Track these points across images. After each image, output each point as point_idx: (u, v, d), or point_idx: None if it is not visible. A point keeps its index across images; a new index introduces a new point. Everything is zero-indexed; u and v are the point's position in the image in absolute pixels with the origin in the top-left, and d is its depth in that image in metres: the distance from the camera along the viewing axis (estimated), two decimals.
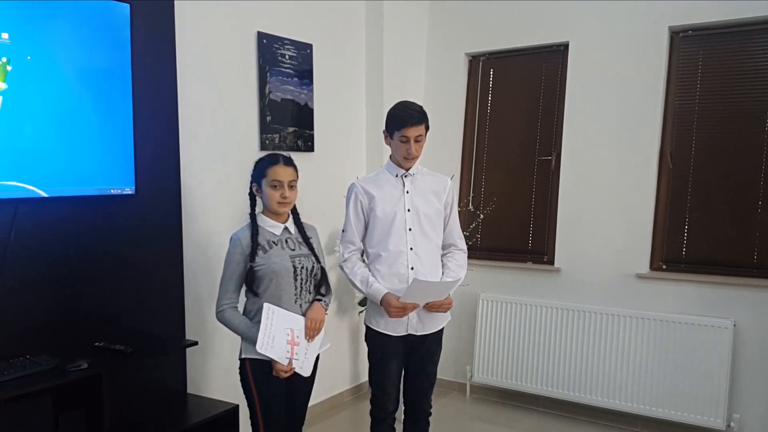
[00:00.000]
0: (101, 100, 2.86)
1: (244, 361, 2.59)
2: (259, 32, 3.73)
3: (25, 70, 2.56)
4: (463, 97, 4.78)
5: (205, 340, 3.44)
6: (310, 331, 2.62)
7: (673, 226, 4.07)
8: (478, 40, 4.66)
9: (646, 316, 3.98)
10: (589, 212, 4.25)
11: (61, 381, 2.49)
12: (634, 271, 4.10)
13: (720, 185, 3.93)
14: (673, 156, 4.05)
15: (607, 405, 4.12)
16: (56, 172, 2.71)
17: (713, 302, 3.87)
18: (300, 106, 4.03)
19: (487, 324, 4.54)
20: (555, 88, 4.43)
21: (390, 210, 2.81)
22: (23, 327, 2.69)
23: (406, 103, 2.83)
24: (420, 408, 3.00)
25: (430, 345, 2.91)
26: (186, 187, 3.36)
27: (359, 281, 2.81)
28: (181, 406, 3.27)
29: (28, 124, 2.60)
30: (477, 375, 4.58)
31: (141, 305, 3.16)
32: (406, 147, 2.75)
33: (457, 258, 2.96)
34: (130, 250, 3.10)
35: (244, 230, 2.61)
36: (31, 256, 2.70)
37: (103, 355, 2.77)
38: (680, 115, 4.03)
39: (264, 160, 2.64)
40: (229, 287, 2.58)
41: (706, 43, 3.94)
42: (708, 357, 3.80)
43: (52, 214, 2.77)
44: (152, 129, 3.15)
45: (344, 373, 4.63)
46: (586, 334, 4.18)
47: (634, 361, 4.02)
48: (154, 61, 3.16)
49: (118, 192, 2.97)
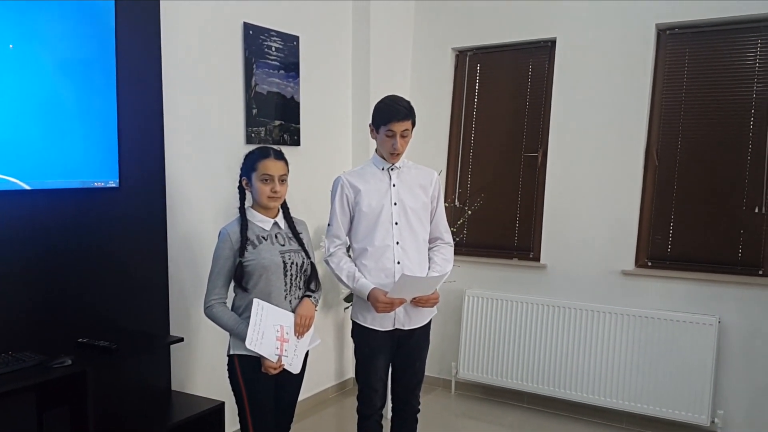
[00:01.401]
0: (85, 91, 2.81)
1: (232, 357, 2.55)
2: (246, 23, 3.67)
3: (6, 59, 2.50)
4: (450, 92, 4.76)
5: (189, 337, 3.40)
6: (300, 327, 2.58)
7: (659, 223, 4.09)
8: (465, 35, 4.64)
9: (631, 312, 4.00)
10: (575, 209, 4.26)
11: (44, 378, 2.44)
12: (620, 268, 4.11)
13: (705, 182, 3.95)
14: (659, 153, 4.07)
15: (592, 401, 4.13)
16: (39, 164, 2.65)
17: (698, 299, 3.90)
18: (286, 99, 3.98)
19: (472, 320, 4.53)
20: (542, 84, 4.43)
21: (376, 204, 2.78)
22: (5, 323, 2.63)
23: (394, 98, 2.80)
24: (408, 405, 2.97)
25: (417, 340, 2.89)
26: (170, 180, 3.31)
27: (345, 276, 2.78)
28: (165, 404, 3.22)
29: (9, 115, 2.53)
30: (462, 371, 4.57)
31: (125, 300, 3.10)
32: (392, 142, 2.72)
33: (444, 252, 2.94)
34: (114, 244, 3.04)
35: (233, 225, 2.57)
36: (13, 250, 2.64)
37: (88, 351, 2.72)
38: (666, 112, 4.05)
39: (254, 153, 2.60)
40: (217, 282, 2.54)
41: (693, 41, 3.96)
42: (693, 353, 3.82)
43: (34, 207, 2.72)
44: (136, 121, 3.09)
45: (329, 370, 4.60)
46: (572, 331, 4.19)
47: (618, 358, 4.03)
48: (139, 53, 3.10)
49: (102, 185, 2.92)
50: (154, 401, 3.21)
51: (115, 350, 2.72)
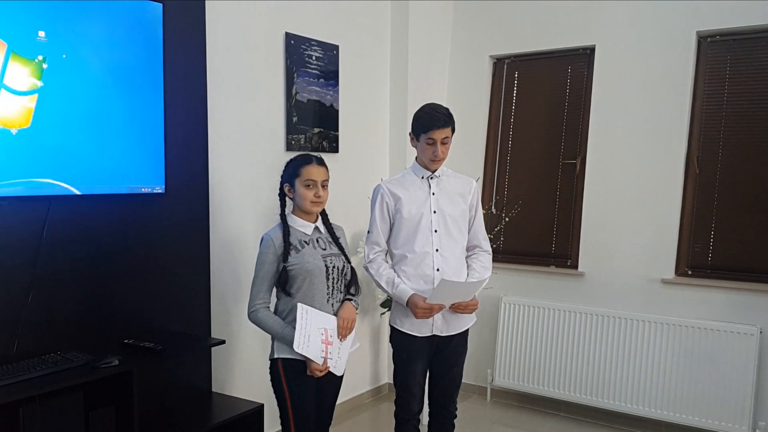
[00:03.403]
0: (133, 99, 2.88)
1: (276, 360, 2.60)
2: (287, 33, 3.74)
3: (60, 69, 2.58)
4: (487, 99, 4.77)
5: (229, 340, 3.46)
6: (343, 330, 2.63)
7: (699, 231, 4.04)
8: (502, 43, 4.65)
9: (671, 321, 3.96)
10: (614, 216, 4.23)
11: (92, 377, 2.50)
12: (659, 277, 4.07)
13: (746, 191, 3.90)
14: (700, 161, 4.03)
15: (630, 411, 4.09)
16: (89, 170, 2.73)
17: (739, 308, 3.84)
18: (325, 107, 4.04)
19: (508, 327, 4.53)
20: (581, 91, 4.42)
21: (416, 211, 2.81)
22: (53, 323, 2.72)
23: (433, 106, 2.83)
24: (445, 410, 2.99)
25: (455, 346, 2.91)
26: (213, 186, 3.38)
27: (385, 282, 2.82)
28: (206, 405, 3.28)
29: (62, 122, 2.62)
30: (498, 379, 4.57)
31: (168, 303, 3.18)
32: (433, 149, 2.76)
33: (482, 259, 2.96)
34: (159, 249, 3.12)
35: (276, 230, 2.62)
36: (63, 253, 2.73)
37: (133, 352, 2.79)
38: (707, 119, 4.00)
39: (296, 159, 2.65)
40: (262, 287, 2.58)
41: (734, 48, 3.92)
42: (734, 363, 3.76)
43: (83, 212, 2.80)
44: (182, 128, 3.17)
45: (365, 375, 4.64)
46: (610, 339, 4.16)
47: (658, 367, 3.99)
48: (185, 61, 3.18)
49: (149, 191, 2.99)
50: (195, 402, 3.28)
51: (160, 351, 2.79)
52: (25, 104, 2.51)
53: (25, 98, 2.51)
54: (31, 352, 2.61)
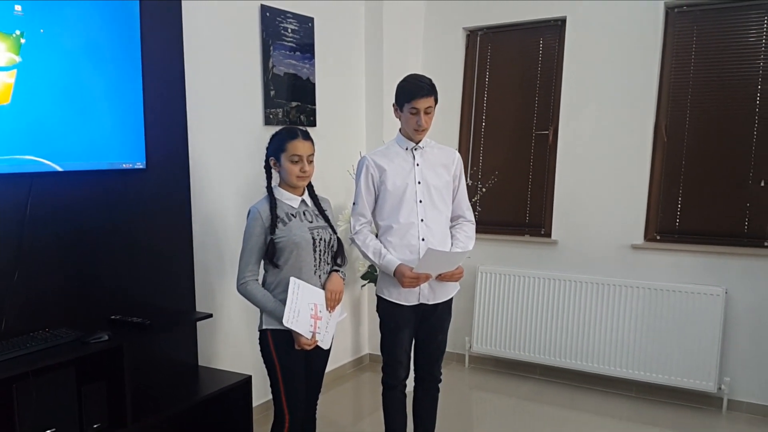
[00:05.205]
0: (111, 74, 2.86)
1: (265, 332, 2.63)
2: (263, 5, 3.72)
3: (38, 44, 2.55)
4: (461, 71, 4.82)
5: (214, 313, 3.47)
6: (331, 302, 2.68)
7: (667, 198, 4.18)
8: (476, 15, 4.68)
9: (641, 285, 4.10)
10: (585, 185, 4.35)
11: (84, 353, 2.53)
12: (629, 242, 4.21)
13: (713, 157, 4.04)
14: (668, 129, 4.15)
15: (603, 371, 4.25)
16: (70, 147, 2.72)
17: (705, 271, 4.00)
18: (302, 81, 4.04)
19: (485, 296, 4.64)
20: (552, 62, 4.49)
21: (401, 183, 2.86)
22: (40, 300, 2.72)
23: (416, 76, 2.88)
24: (430, 375, 3.07)
25: (440, 313, 2.98)
26: (193, 161, 3.38)
27: (372, 253, 2.87)
28: (194, 378, 3.32)
29: (42, 98, 2.59)
30: (476, 345, 4.68)
31: (152, 278, 3.19)
32: (416, 119, 2.80)
33: (466, 229, 3.03)
34: (141, 224, 3.12)
35: (263, 203, 2.63)
36: (47, 230, 2.72)
37: (121, 327, 2.81)
38: (675, 89, 4.12)
39: (282, 133, 2.65)
40: (250, 259, 2.60)
41: (701, 19, 4.02)
42: (700, 323, 3.93)
43: (66, 188, 2.79)
44: (161, 103, 3.15)
45: (346, 346, 4.70)
46: (582, 304, 4.30)
47: (628, 329, 4.15)
48: (162, 36, 3.16)
49: (130, 166, 2.98)
50: (182, 376, 3.31)
51: (148, 326, 2.81)
52: (4, 80, 2.47)
53: (4, 74, 2.48)
54: (19, 329, 2.61)
